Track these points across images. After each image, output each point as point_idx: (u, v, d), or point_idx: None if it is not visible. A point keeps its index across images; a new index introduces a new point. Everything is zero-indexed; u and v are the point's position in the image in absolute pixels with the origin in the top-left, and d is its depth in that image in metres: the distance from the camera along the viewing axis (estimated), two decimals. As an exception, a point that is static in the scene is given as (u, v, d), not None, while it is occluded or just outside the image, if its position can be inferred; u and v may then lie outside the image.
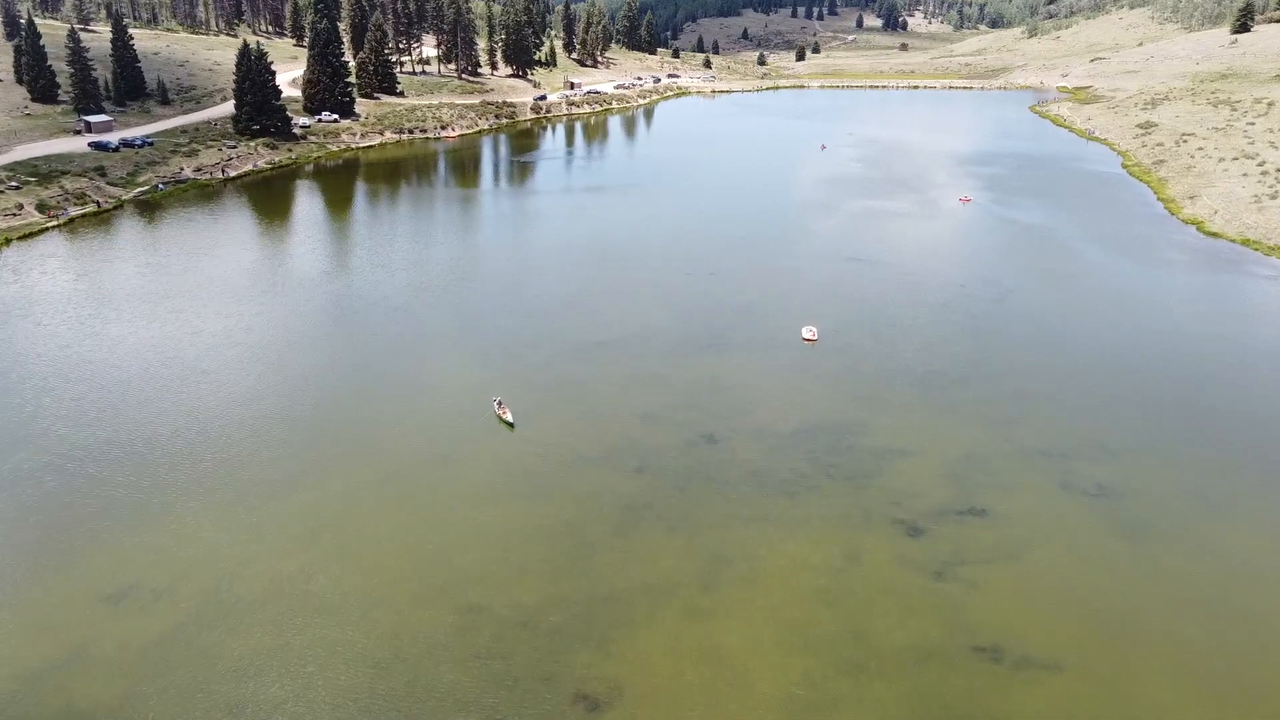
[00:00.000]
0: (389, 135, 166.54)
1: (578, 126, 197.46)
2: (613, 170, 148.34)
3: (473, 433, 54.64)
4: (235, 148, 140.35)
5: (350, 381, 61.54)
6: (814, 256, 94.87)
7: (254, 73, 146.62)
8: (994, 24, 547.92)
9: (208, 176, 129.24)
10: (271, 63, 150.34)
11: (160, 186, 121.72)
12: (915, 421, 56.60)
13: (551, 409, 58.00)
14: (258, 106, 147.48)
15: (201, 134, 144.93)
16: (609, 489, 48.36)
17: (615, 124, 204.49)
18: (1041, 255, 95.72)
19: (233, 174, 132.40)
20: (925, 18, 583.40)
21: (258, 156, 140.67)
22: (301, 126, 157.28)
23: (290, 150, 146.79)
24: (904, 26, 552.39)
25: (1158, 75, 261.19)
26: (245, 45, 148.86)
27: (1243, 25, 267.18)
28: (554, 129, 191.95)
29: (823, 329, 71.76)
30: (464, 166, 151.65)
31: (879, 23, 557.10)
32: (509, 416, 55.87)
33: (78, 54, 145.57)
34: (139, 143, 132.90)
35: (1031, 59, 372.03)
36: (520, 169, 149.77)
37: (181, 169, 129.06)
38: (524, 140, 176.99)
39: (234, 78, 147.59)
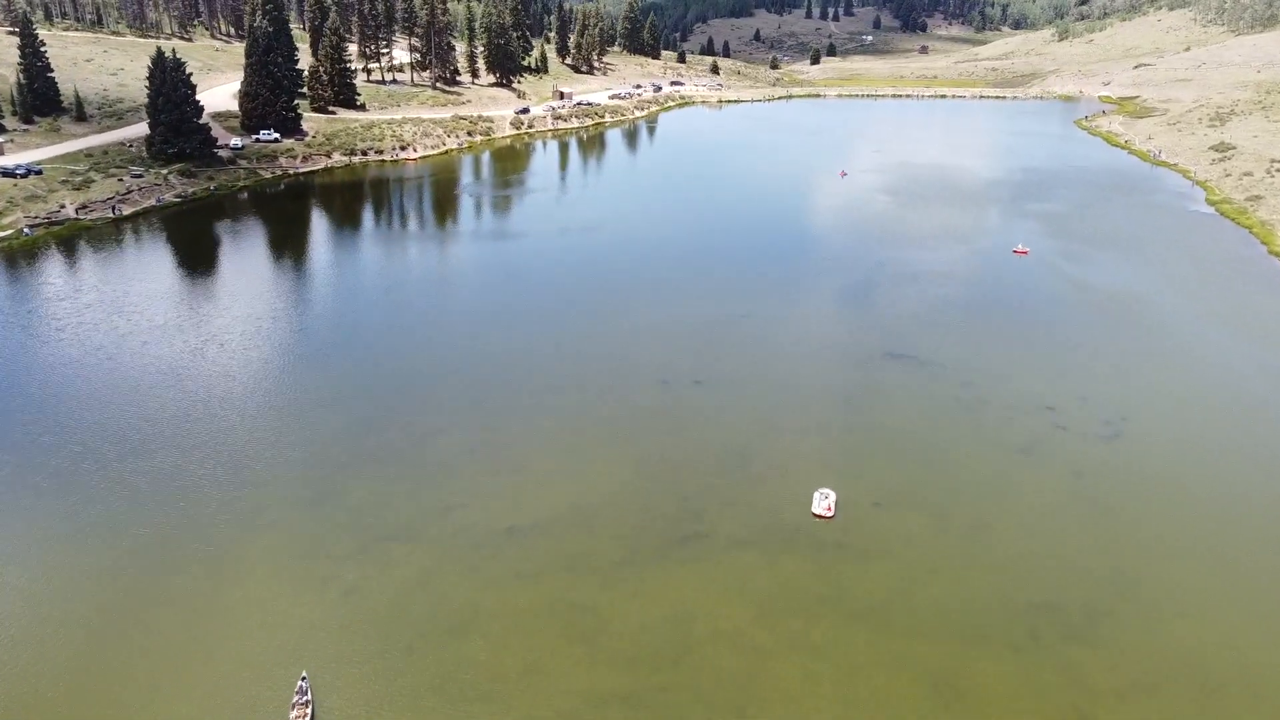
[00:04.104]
0: (337, 158, 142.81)
1: (561, 146, 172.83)
2: (592, 208, 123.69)
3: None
4: (141, 177, 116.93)
5: (61, 642, 37.48)
6: (836, 351, 70.03)
7: (169, 86, 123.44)
8: (1017, 25, 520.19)
9: (94, 216, 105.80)
10: (190, 74, 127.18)
11: (27, 231, 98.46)
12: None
13: (391, 703, 33.95)
14: (174, 126, 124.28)
15: (110, 158, 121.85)
16: None
17: (604, 143, 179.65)
18: (1145, 348, 70.66)
19: (128, 211, 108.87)
20: (945, 18, 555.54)
21: (166, 188, 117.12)
22: (233, 149, 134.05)
23: (211, 179, 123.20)
24: (923, 28, 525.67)
25: (1214, 84, 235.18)
26: (159, 53, 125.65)
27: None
28: (533, 149, 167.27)
29: (848, 494, 47.62)
30: (412, 200, 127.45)
31: (897, 24, 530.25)
32: (306, 728, 31.95)
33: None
34: (21, 171, 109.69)
35: (1064, 64, 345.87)
36: (482, 204, 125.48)
37: (63, 206, 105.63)
38: (496, 163, 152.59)
39: (146, 91, 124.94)
